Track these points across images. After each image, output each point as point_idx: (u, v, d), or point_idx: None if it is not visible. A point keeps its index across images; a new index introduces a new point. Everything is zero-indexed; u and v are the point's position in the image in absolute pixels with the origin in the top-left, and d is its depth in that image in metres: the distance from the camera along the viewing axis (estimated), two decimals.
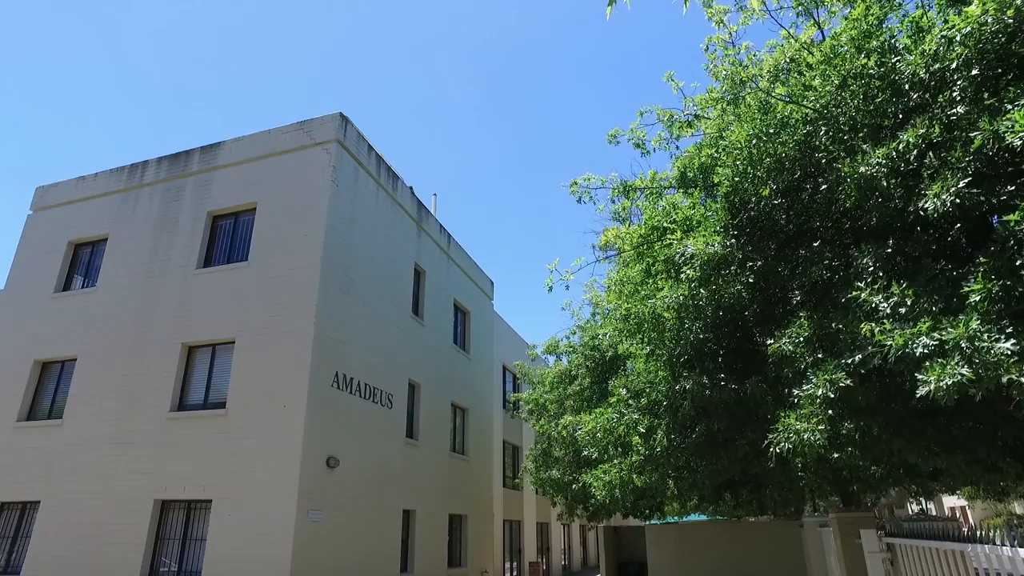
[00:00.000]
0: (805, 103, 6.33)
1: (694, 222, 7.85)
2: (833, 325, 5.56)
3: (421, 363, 16.55)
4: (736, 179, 6.89)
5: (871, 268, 5.36)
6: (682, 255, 6.94)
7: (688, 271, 6.78)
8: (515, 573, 23.81)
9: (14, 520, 13.54)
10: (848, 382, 5.10)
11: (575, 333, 17.46)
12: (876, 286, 5.03)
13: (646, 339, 7.94)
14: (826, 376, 5.17)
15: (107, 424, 13.15)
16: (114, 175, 16.10)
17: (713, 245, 6.59)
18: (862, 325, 4.89)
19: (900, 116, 5.61)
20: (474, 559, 18.20)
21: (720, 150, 7.75)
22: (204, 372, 13.09)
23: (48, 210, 16.66)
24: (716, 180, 7.39)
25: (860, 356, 5.02)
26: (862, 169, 5.23)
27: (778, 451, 5.66)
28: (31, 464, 13.54)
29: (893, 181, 5.16)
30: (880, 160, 5.10)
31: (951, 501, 39.28)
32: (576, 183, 9.74)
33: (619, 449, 8.37)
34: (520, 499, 24.99)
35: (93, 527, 12.31)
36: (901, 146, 5.04)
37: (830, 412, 5.32)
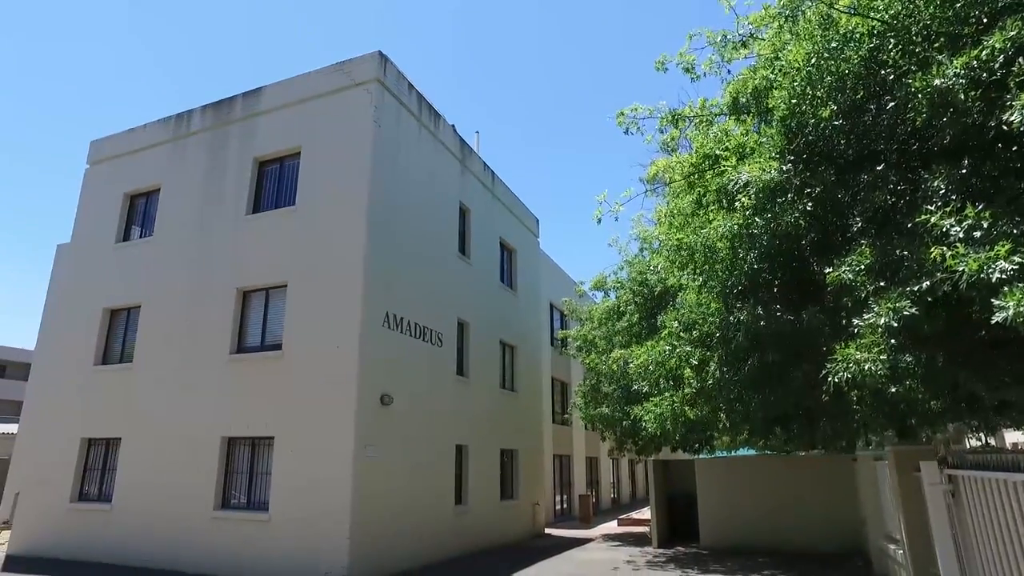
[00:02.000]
0: (872, 14, 5.86)
1: (747, 149, 7.51)
2: (897, 252, 5.31)
3: (469, 302, 16.70)
4: (793, 102, 6.51)
5: (942, 191, 5.04)
6: (736, 183, 6.67)
7: (742, 199, 6.53)
8: (565, 505, 24.50)
9: (101, 455, 14.56)
10: (913, 310, 4.89)
11: (622, 269, 17.26)
12: (948, 209, 4.73)
13: (698, 270, 7.77)
14: (889, 304, 4.96)
15: (173, 367, 13.81)
16: (162, 125, 16.34)
17: (769, 171, 6.30)
18: (931, 250, 4.64)
19: (985, 20, 5.13)
20: (525, 492, 18.75)
21: (776, 71, 7.30)
22: (259, 315, 13.50)
23: (103, 163, 17.10)
24: (771, 104, 7.00)
25: (927, 283, 4.79)
26: (936, 82, 4.84)
27: (835, 382, 5.52)
28: (110, 404, 14.42)
29: (972, 93, 4.77)
30: (958, 71, 4.71)
31: (1014, 437, 38.22)
32: (623, 114, 9.38)
33: (670, 382, 8.34)
34: (569, 434, 25.45)
35: (169, 461, 13.13)
36: (985, 53, 4.62)
37: (892, 342, 5.13)
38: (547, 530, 19.93)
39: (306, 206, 13.38)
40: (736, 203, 6.80)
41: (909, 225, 5.28)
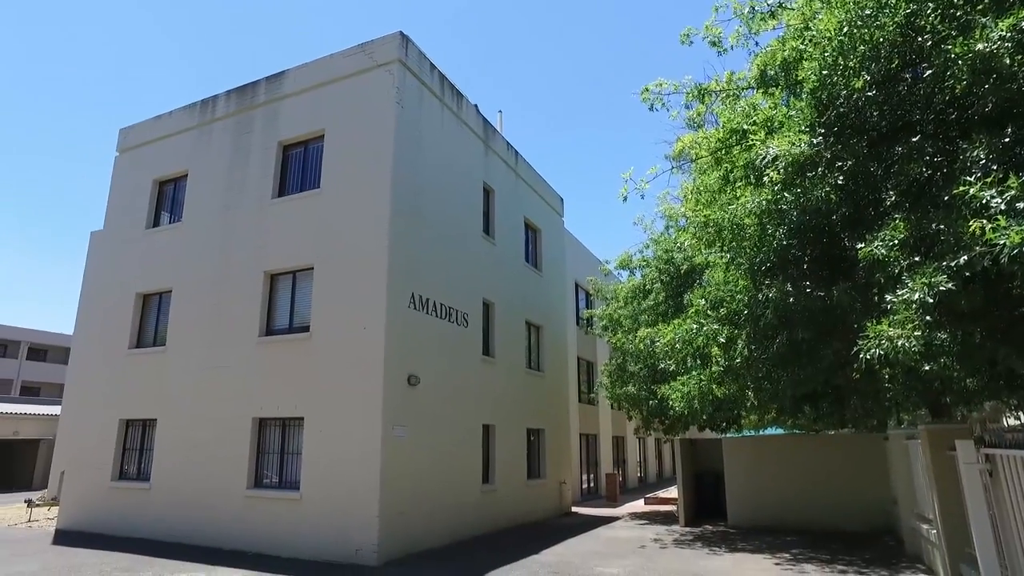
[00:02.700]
0: None
1: (776, 123, 7.33)
2: (933, 226, 5.16)
3: (494, 282, 16.70)
4: (824, 73, 6.32)
5: (982, 161, 4.87)
6: (764, 158, 6.51)
7: (771, 174, 6.38)
8: (592, 484, 24.60)
9: (139, 435, 14.97)
10: (949, 286, 4.75)
11: (648, 247, 17.10)
12: (988, 180, 4.56)
13: (726, 247, 7.65)
14: (924, 280, 4.82)
15: (204, 350, 14.08)
16: (187, 112, 16.50)
17: (799, 145, 6.14)
18: (969, 223, 4.48)
19: None
20: (552, 471, 18.85)
21: (806, 42, 7.09)
22: (287, 298, 13.66)
23: (132, 150, 17.34)
24: (801, 76, 6.81)
25: (965, 257, 4.64)
26: (979, 47, 4.65)
27: (867, 360, 5.41)
28: (145, 387, 14.78)
29: (1019, 57, 4.56)
30: (1004, 33, 4.50)
31: None
32: (647, 89, 9.21)
33: (698, 360, 8.26)
34: (596, 413, 25.48)
35: (202, 442, 13.44)
36: None
37: (927, 318, 5.00)
38: (574, 508, 20.05)
39: (330, 189, 13.45)
40: (764, 178, 6.64)
41: (946, 197, 5.12)
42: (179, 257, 15.18)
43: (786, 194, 6.49)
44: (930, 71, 5.45)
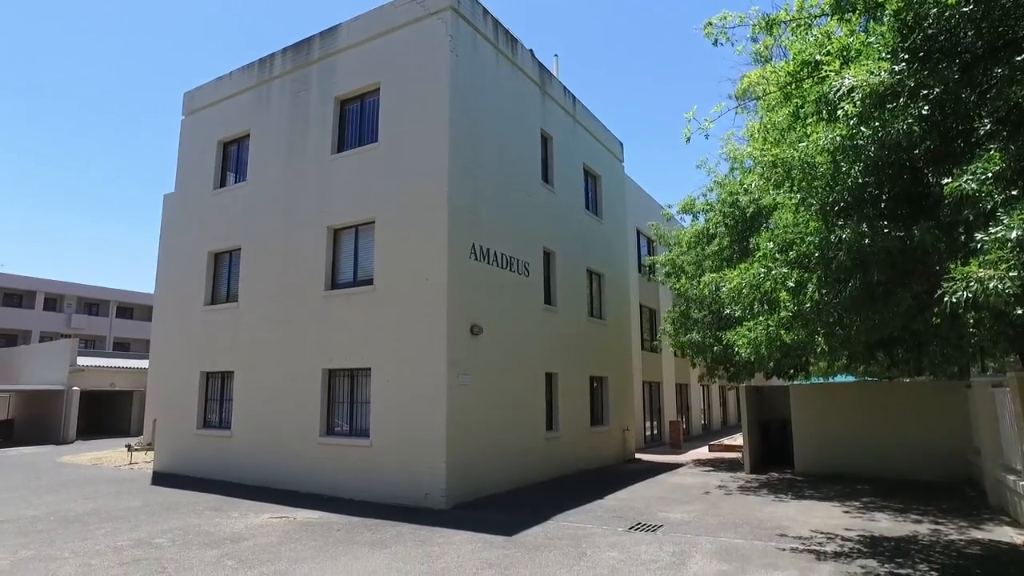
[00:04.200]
0: None
1: (853, 52, 6.80)
2: None
3: (554, 230, 16.55)
4: None
5: None
6: (839, 90, 6.07)
7: (846, 107, 5.95)
8: (655, 431, 24.63)
9: (218, 387, 15.86)
10: None
11: (712, 190, 16.49)
12: None
13: (795, 188, 7.25)
14: (1022, 216, 4.44)
15: (273, 305, 14.62)
16: (246, 72, 16.71)
17: (879, 74, 5.68)
18: None
19: None
20: (615, 418, 18.93)
21: None
22: (350, 252, 13.93)
23: (196, 113, 17.79)
24: None
25: None
26: None
27: (951, 303, 5.08)
28: (221, 341, 15.56)
29: None
30: None
31: None
32: (711, 23, 8.66)
33: (765, 306, 7.97)
34: (659, 361, 25.30)
35: (276, 393, 14.10)
36: None
37: None
38: (637, 455, 20.17)
39: (388, 142, 13.47)
40: (839, 112, 6.21)
41: None
42: (246, 216, 15.66)
43: (863, 128, 6.05)
44: None
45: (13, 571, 7.60)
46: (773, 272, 7.31)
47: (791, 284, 7.14)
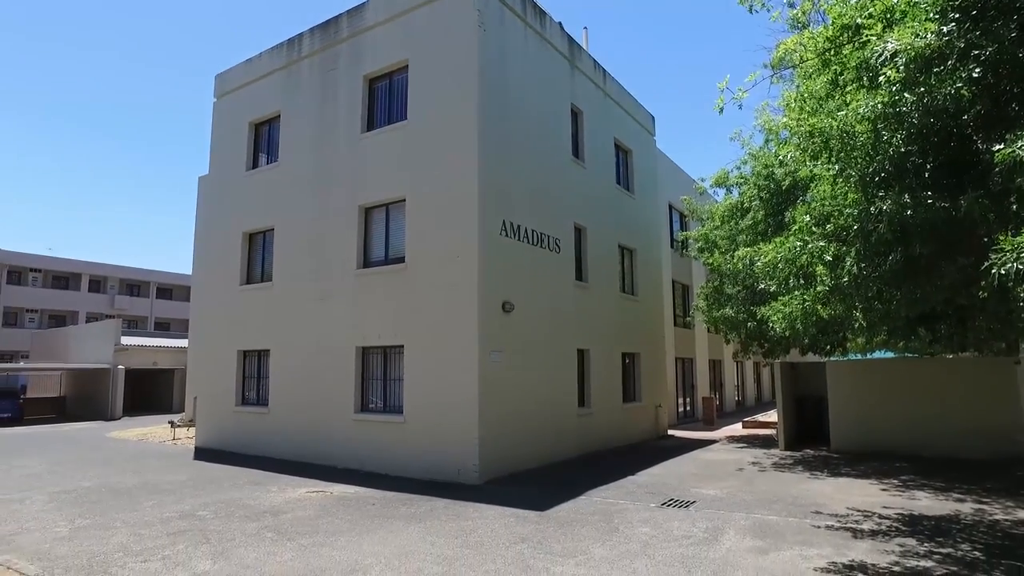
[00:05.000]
0: None
1: (897, 13, 6.50)
2: None
3: (585, 206, 16.40)
4: None
5: None
6: (881, 54, 5.81)
7: (888, 72, 5.70)
8: (689, 408, 24.49)
9: (255, 365, 16.24)
10: None
11: (746, 163, 16.09)
12: None
13: (834, 158, 7.01)
14: None
15: (307, 283, 14.82)
16: (275, 52, 16.77)
17: (925, 35, 5.42)
18: None
19: None
20: (648, 394, 18.85)
21: None
22: (382, 230, 14.01)
23: (228, 95, 17.97)
24: None
25: None
26: None
27: (1000, 276, 4.87)
28: (257, 320, 15.89)
29: None
30: None
31: None
32: None
33: (800, 280, 7.77)
34: (692, 337, 25.06)
35: (311, 370, 14.36)
36: None
37: None
38: (670, 432, 20.10)
39: (417, 119, 13.43)
40: (880, 79, 5.96)
41: None
42: (278, 196, 15.85)
43: (906, 94, 5.79)
44: None
45: (71, 538, 7.99)
46: (810, 246, 7.11)
47: (828, 258, 6.95)
